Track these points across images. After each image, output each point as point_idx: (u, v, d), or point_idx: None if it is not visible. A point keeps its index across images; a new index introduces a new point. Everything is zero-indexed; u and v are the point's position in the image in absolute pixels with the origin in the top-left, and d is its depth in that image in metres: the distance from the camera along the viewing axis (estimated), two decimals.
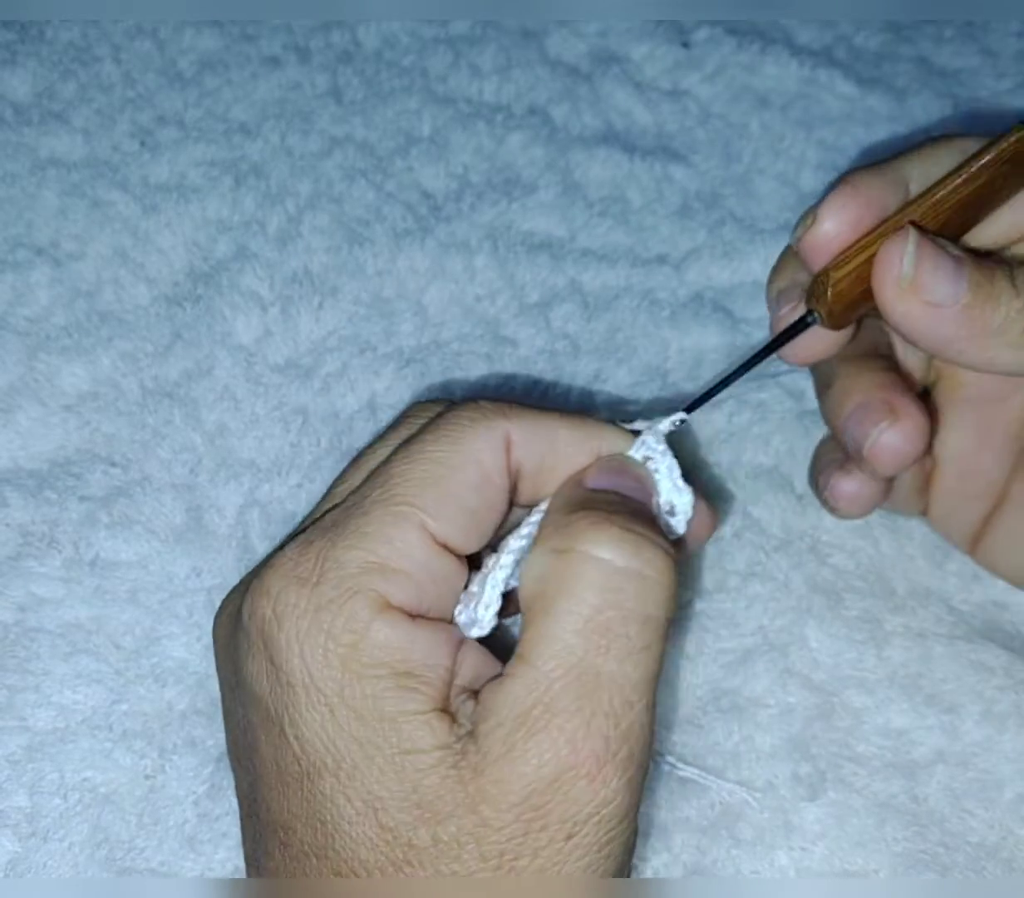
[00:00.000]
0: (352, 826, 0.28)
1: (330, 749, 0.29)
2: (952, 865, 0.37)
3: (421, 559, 0.30)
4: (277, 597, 0.29)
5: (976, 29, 0.58)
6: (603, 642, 0.28)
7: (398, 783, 0.28)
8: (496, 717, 0.28)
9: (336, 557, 0.29)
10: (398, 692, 0.28)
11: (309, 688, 0.29)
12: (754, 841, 0.38)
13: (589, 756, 0.28)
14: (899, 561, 0.43)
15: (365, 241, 0.49)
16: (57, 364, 0.46)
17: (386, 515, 0.30)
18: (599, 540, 0.29)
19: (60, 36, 0.54)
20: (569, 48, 0.56)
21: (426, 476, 0.30)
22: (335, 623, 0.29)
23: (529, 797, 0.28)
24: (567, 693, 0.28)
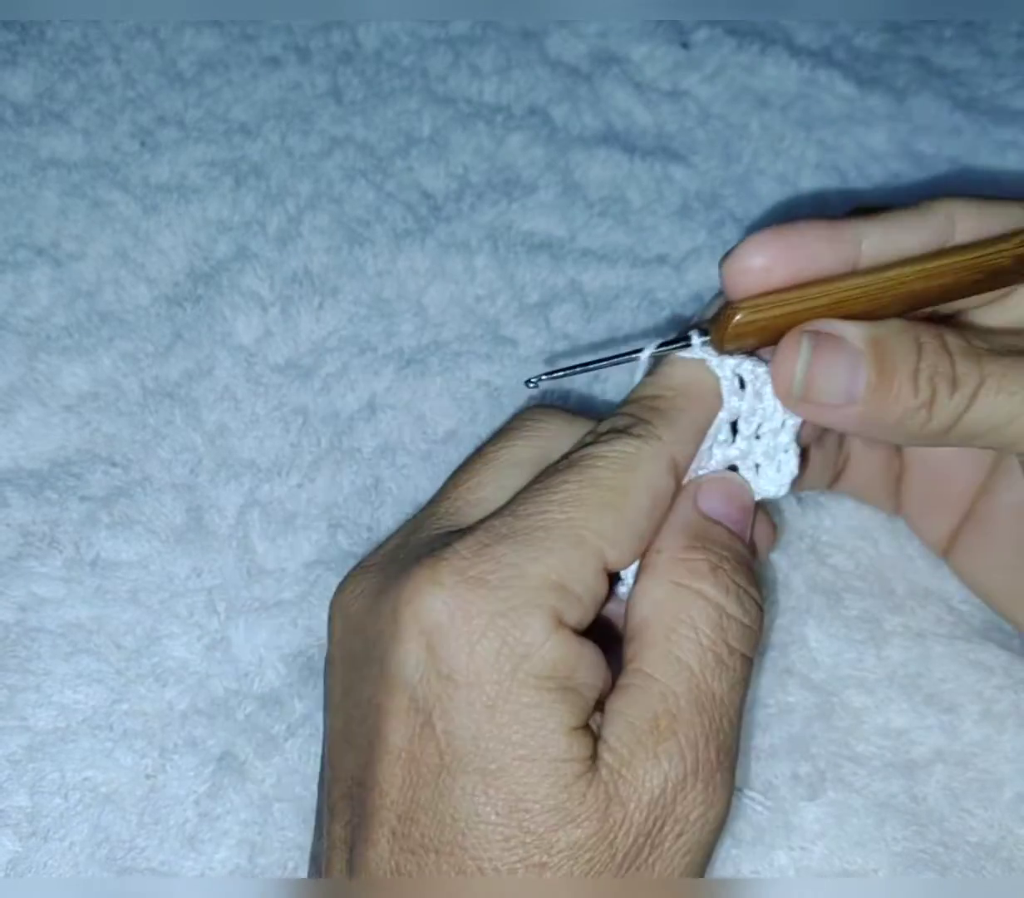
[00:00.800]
0: (489, 826, 0.29)
1: (481, 748, 0.30)
2: (951, 865, 0.37)
3: (592, 585, 0.31)
4: (452, 591, 0.30)
5: (976, 29, 0.58)
6: (716, 670, 0.32)
7: (548, 789, 0.29)
8: (625, 722, 0.30)
9: (519, 566, 0.30)
10: (563, 706, 0.30)
11: (473, 686, 0.30)
12: (754, 841, 0.38)
13: (707, 764, 0.31)
14: (899, 561, 0.43)
15: (365, 241, 0.49)
16: (57, 364, 0.46)
17: (568, 537, 0.31)
18: (717, 587, 0.32)
19: (60, 36, 0.54)
20: (569, 48, 0.56)
21: (605, 503, 0.32)
22: (512, 631, 0.30)
23: (660, 798, 0.30)
24: (689, 707, 0.31)
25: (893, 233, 0.33)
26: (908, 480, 0.41)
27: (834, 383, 0.32)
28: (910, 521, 0.42)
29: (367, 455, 0.44)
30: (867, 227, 0.33)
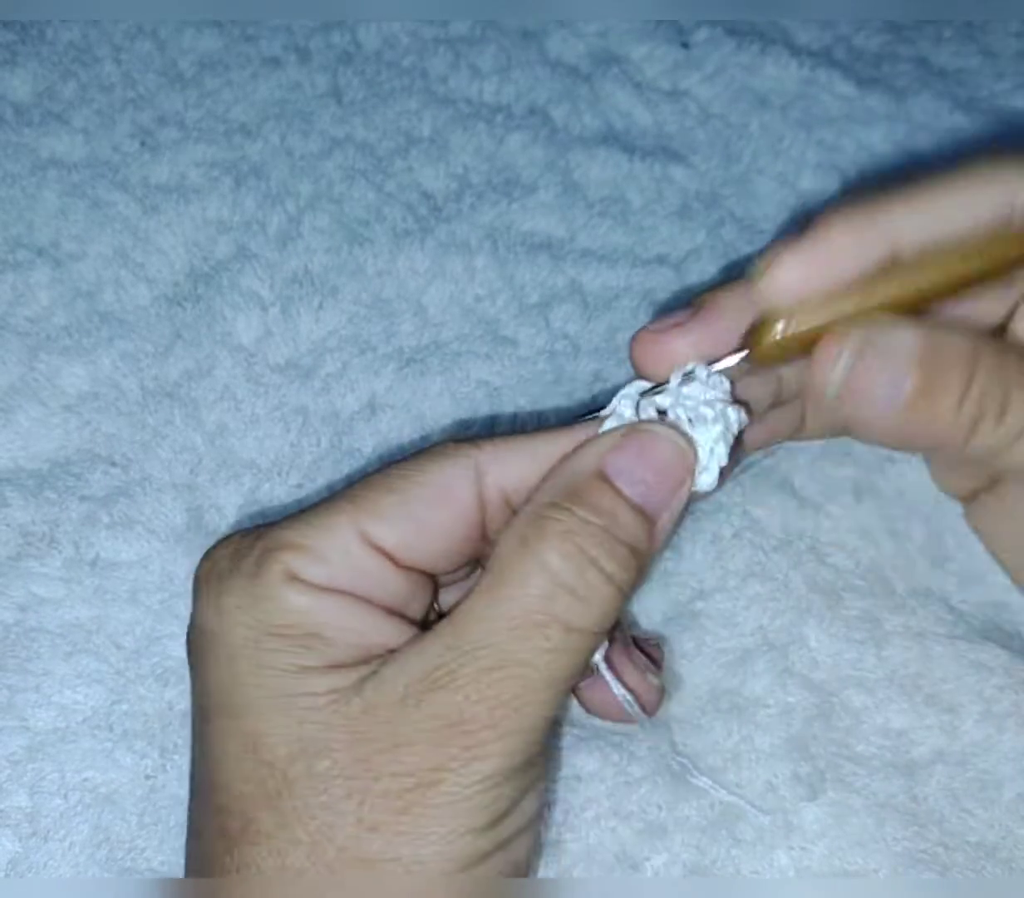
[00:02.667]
0: (235, 761, 0.31)
1: (224, 692, 0.31)
2: (952, 865, 0.37)
3: (343, 549, 0.32)
4: (214, 560, 0.33)
5: (976, 29, 0.58)
6: (524, 635, 0.30)
7: (284, 719, 0.30)
8: (402, 665, 0.31)
9: (269, 535, 0.32)
10: (297, 649, 0.31)
11: (217, 637, 0.31)
12: (754, 841, 0.38)
13: (472, 719, 0.30)
14: (899, 561, 0.43)
15: (365, 241, 0.49)
16: (57, 364, 0.46)
17: (330, 508, 0.32)
18: (558, 552, 0.31)
19: (60, 36, 0.54)
20: (569, 48, 0.56)
21: (384, 483, 0.33)
22: (249, 587, 0.31)
23: (406, 744, 0.30)
24: (474, 664, 0.30)
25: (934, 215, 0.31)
26: None
27: (874, 392, 0.31)
28: (930, 466, 0.41)
29: (367, 455, 0.44)
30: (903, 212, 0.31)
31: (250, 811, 0.30)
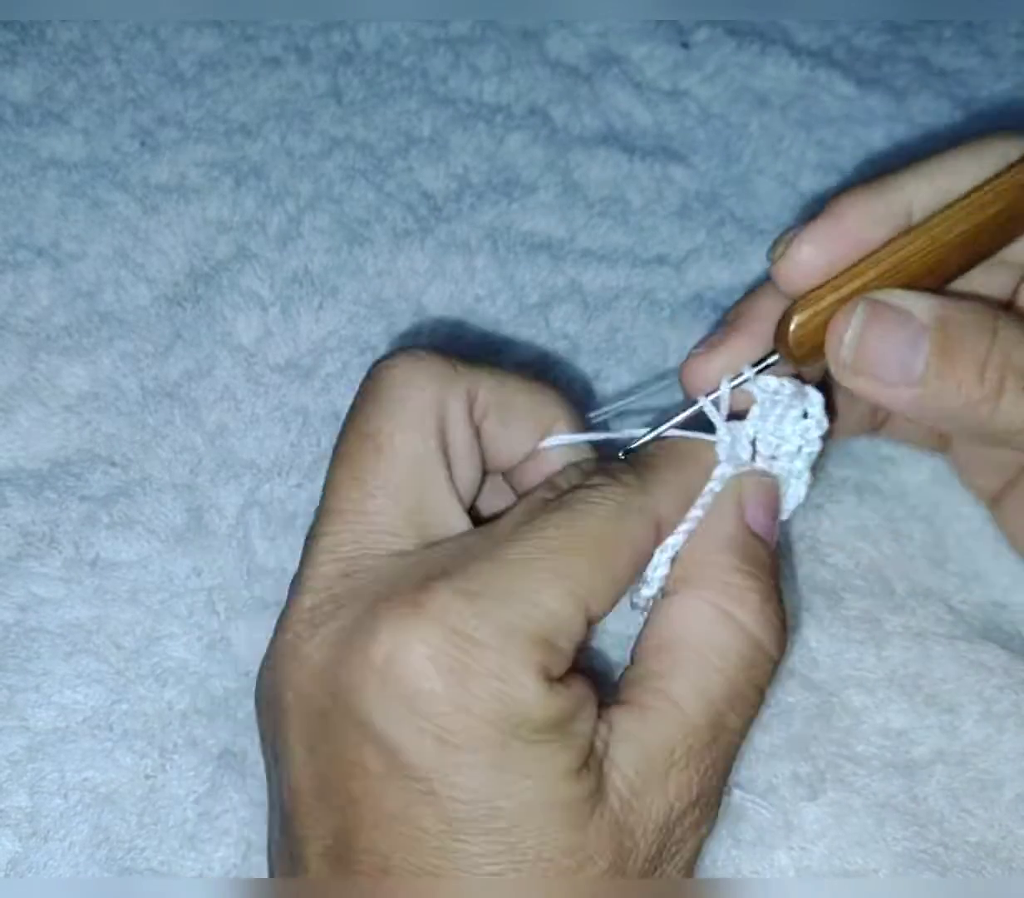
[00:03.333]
0: (511, 884, 0.29)
1: (492, 808, 0.29)
2: (952, 865, 0.37)
3: (578, 637, 0.30)
4: (440, 649, 0.28)
5: (976, 29, 0.58)
6: (737, 705, 0.32)
7: (565, 834, 0.29)
8: (641, 748, 0.30)
9: (509, 623, 0.29)
10: (565, 753, 0.29)
11: (475, 750, 0.29)
12: (754, 841, 0.38)
13: (708, 791, 0.31)
14: (899, 561, 0.43)
15: (365, 241, 0.49)
16: (57, 364, 0.46)
17: (557, 591, 0.30)
18: (759, 622, 0.32)
19: (60, 36, 0.54)
20: (569, 48, 0.56)
21: (592, 554, 0.30)
22: (507, 691, 0.29)
23: (664, 826, 0.30)
24: (705, 739, 0.31)
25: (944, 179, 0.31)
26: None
27: (889, 357, 0.30)
28: (956, 465, 0.40)
29: None
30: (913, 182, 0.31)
31: None
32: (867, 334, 0.30)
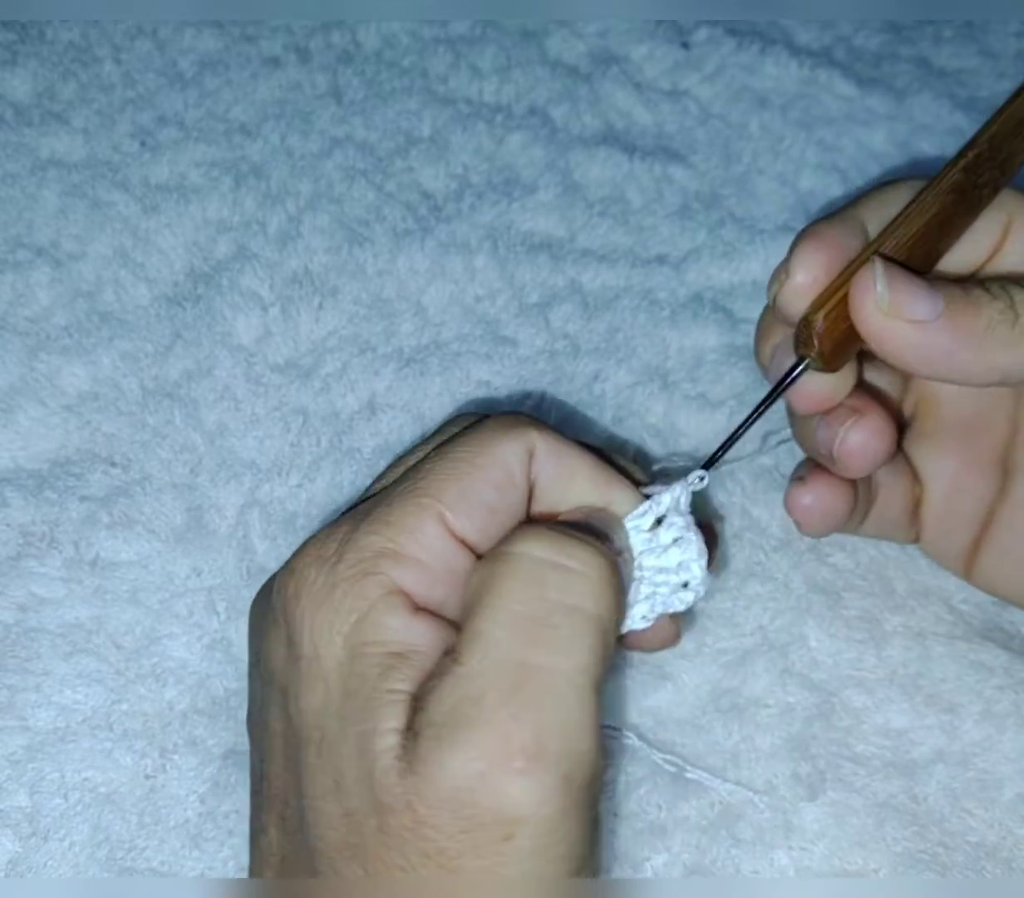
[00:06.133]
0: (323, 803, 0.29)
1: (319, 722, 0.29)
2: (952, 865, 0.37)
3: (437, 550, 0.30)
4: (300, 574, 0.30)
5: (976, 29, 0.58)
6: (529, 633, 0.28)
7: (360, 763, 0.28)
8: (427, 715, 0.28)
9: (356, 540, 0.30)
10: (384, 670, 0.29)
11: (312, 662, 0.29)
12: (754, 841, 0.38)
13: (518, 751, 0.27)
14: (899, 560, 0.43)
15: (365, 241, 0.49)
16: (57, 364, 0.46)
17: (408, 505, 0.31)
18: (524, 538, 0.30)
19: (60, 36, 0.54)
20: (569, 48, 0.56)
21: (451, 472, 0.31)
22: (344, 601, 0.29)
23: (459, 793, 0.27)
24: (494, 687, 0.27)
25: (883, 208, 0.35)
26: (926, 502, 0.40)
27: (916, 299, 0.32)
28: (928, 544, 0.41)
29: (367, 455, 0.44)
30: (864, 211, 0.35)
31: (336, 859, 0.29)
32: (892, 278, 0.32)
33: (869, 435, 0.36)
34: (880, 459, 0.36)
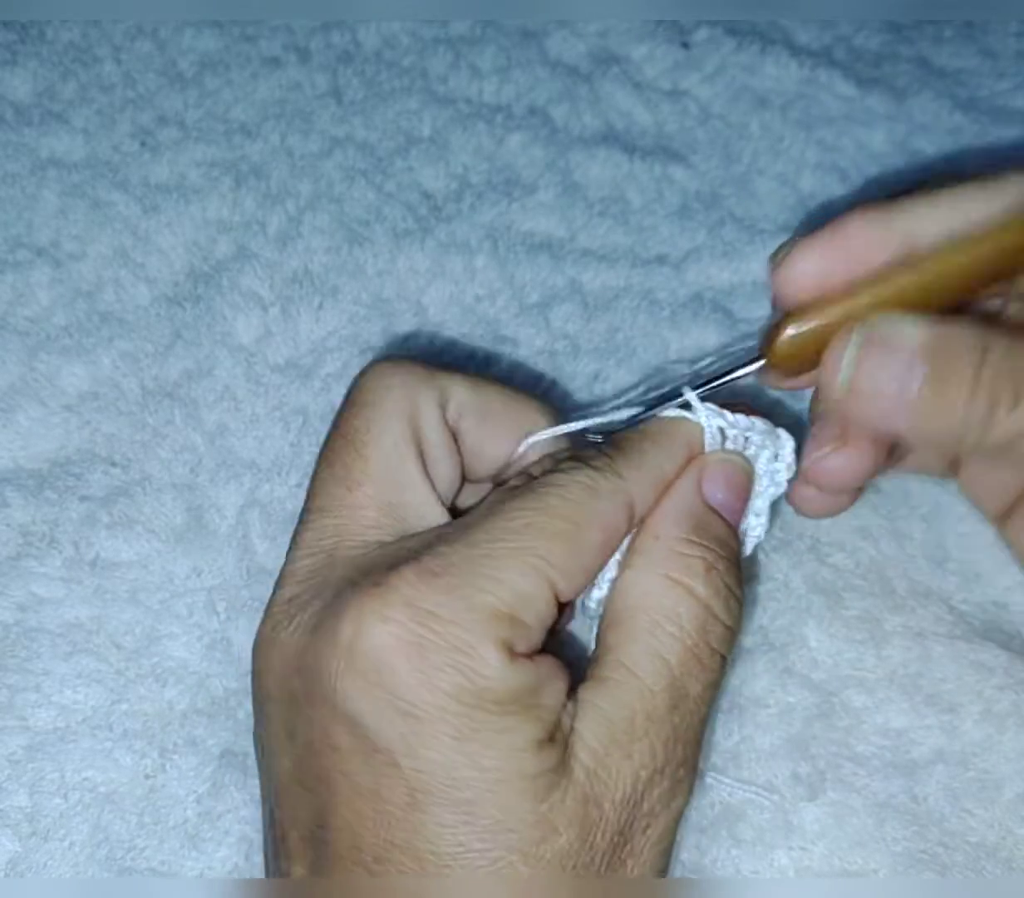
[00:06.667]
0: (475, 854, 0.29)
1: (454, 779, 0.29)
2: (951, 865, 0.37)
3: (543, 614, 0.31)
4: (403, 626, 0.29)
5: (976, 29, 0.58)
6: (694, 669, 0.32)
7: (528, 805, 0.29)
8: (602, 717, 0.31)
9: (470, 598, 0.30)
10: (529, 725, 0.30)
11: (438, 721, 0.29)
12: (754, 841, 0.38)
13: (673, 760, 0.31)
14: (899, 560, 0.43)
15: (365, 241, 0.49)
16: (57, 364, 0.46)
17: (521, 567, 0.30)
18: (708, 587, 0.32)
19: (60, 36, 0.54)
20: (569, 48, 0.56)
21: (559, 533, 0.31)
22: (470, 665, 0.29)
23: (631, 795, 0.31)
24: (665, 706, 0.31)
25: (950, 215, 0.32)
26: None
27: (884, 384, 0.31)
28: (966, 486, 0.41)
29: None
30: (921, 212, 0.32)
31: None
32: (863, 362, 0.31)
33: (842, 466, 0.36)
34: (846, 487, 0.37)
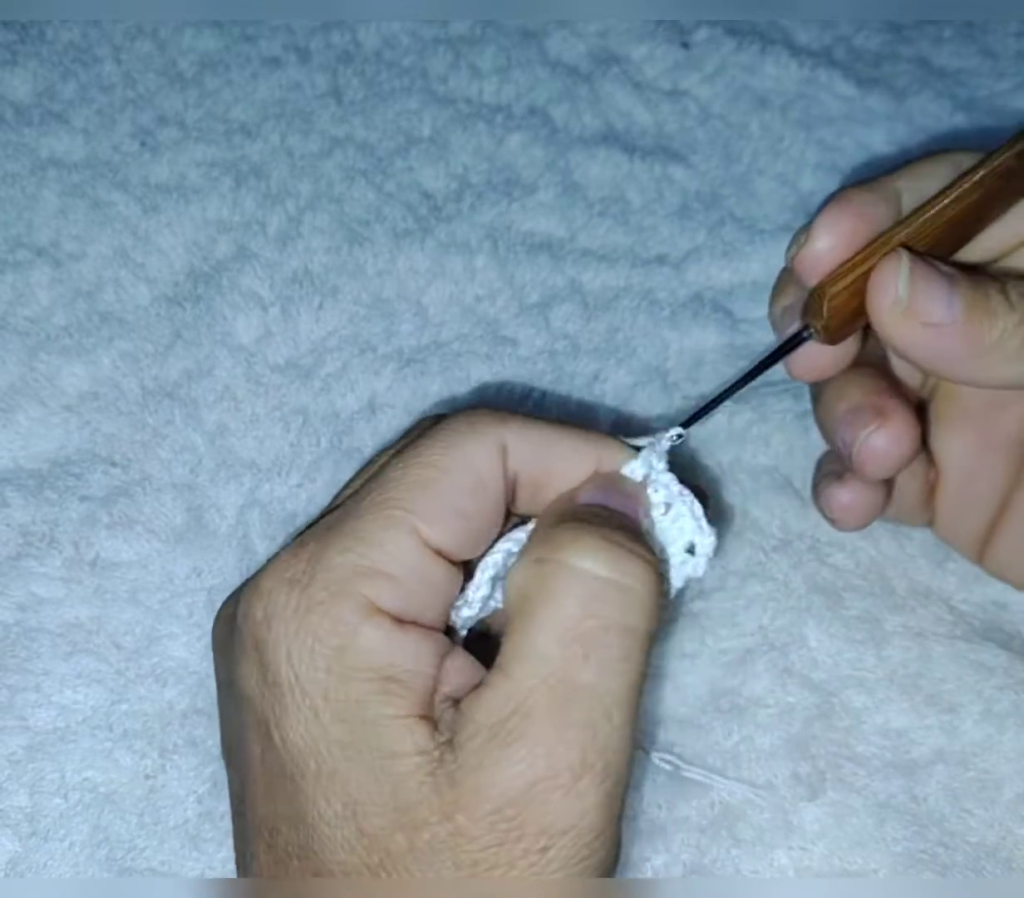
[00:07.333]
0: (332, 829, 0.28)
1: (313, 751, 0.29)
2: (951, 865, 0.37)
3: (412, 564, 0.30)
4: (269, 598, 0.29)
5: (976, 29, 0.58)
6: (582, 652, 0.28)
7: (377, 787, 0.28)
8: (472, 726, 0.28)
9: (327, 559, 0.29)
10: (381, 696, 0.28)
11: (295, 689, 0.29)
12: (754, 841, 0.38)
13: (564, 768, 0.28)
14: (899, 560, 0.43)
15: (365, 241, 0.49)
16: (57, 364, 0.46)
17: (378, 518, 0.30)
18: (580, 550, 0.29)
19: (60, 36, 0.54)
20: (569, 48, 0.56)
21: (419, 479, 0.30)
22: (322, 625, 0.29)
23: (503, 807, 0.27)
24: (543, 703, 0.28)
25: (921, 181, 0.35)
26: (941, 486, 0.40)
27: (934, 302, 0.32)
28: (942, 529, 0.41)
29: (367, 455, 0.44)
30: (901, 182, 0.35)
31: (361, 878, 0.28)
32: (913, 277, 0.32)
33: (890, 442, 0.35)
34: (899, 466, 0.36)
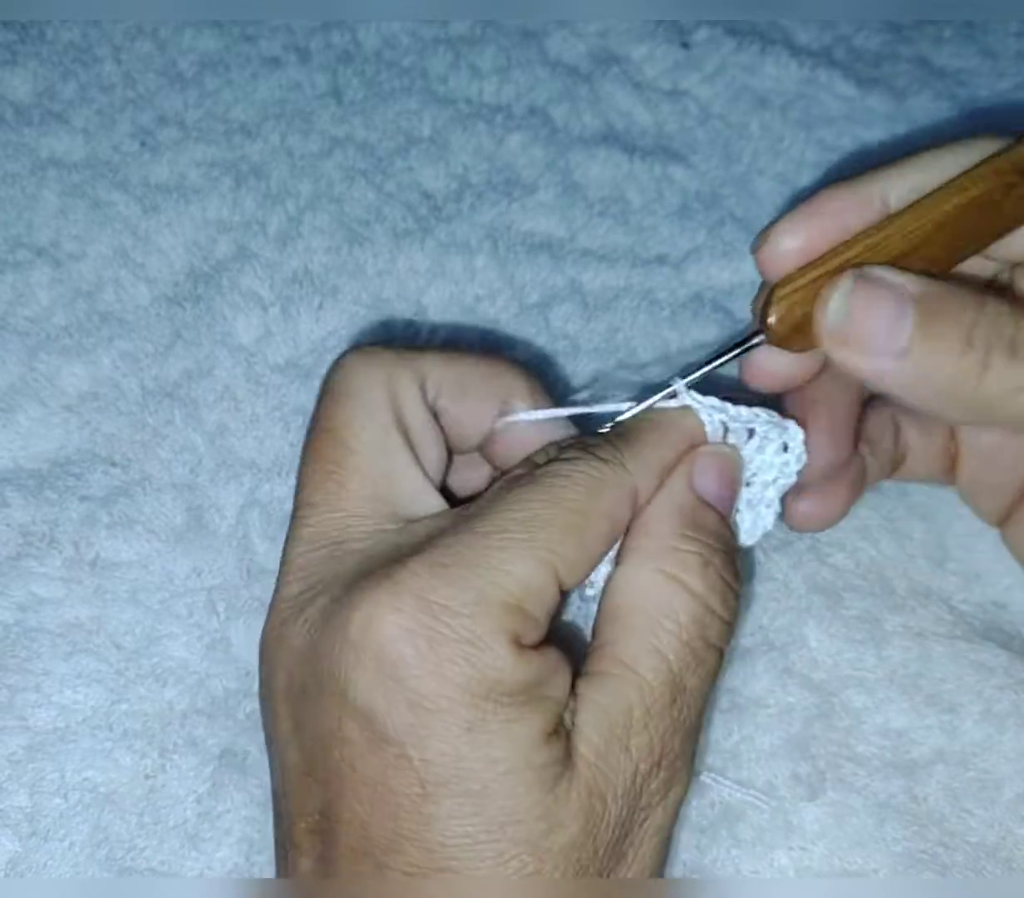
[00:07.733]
0: (482, 845, 0.29)
1: (464, 770, 0.29)
2: (951, 865, 0.37)
3: (550, 606, 0.31)
4: (414, 617, 0.29)
5: (976, 29, 0.58)
6: (692, 664, 0.32)
7: (536, 797, 0.29)
8: (601, 712, 0.31)
9: (481, 590, 0.30)
10: (537, 715, 0.30)
11: (448, 712, 0.29)
12: (754, 841, 0.38)
13: (671, 753, 0.32)
14: (899, 560, 0.43)
15: (365, 241, 0.49)
16: (57, 364, 0.46)
17: (529, 559, 0.30)
18: (705, 582, 0.33)
19: (60, 36, 0.54)
20: (569, 48, 0.56)
21: (567, 525, 0.31)
22: (480, 657, 0.29)
23: (631, 788, 0.31)
24: (663, 700, 0.31)
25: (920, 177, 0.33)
26: (964, 457, 0.40)
27: (875, 326, 0.30)
28: (965, 491, 0.41)
29: None
30: (890, 177, 0.33)
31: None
32: (854, 303, 0.31)
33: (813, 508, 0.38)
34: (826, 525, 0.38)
